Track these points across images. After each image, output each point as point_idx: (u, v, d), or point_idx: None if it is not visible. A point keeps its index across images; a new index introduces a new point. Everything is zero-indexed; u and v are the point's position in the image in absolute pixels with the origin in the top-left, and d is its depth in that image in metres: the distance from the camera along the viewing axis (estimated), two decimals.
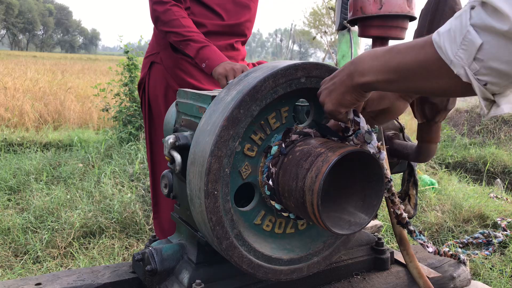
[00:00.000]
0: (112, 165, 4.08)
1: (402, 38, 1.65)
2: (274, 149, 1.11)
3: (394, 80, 0.85)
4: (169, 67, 1.96)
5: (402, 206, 1.32)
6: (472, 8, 0.68)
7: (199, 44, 1.79)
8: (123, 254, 2.71)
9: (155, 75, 2.01)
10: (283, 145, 1.10)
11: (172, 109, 1.42)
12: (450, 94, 0.86)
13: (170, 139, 1.20)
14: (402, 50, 0.82)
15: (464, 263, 1.59)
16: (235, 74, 1.76)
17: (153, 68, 2.01)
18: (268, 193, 1.13)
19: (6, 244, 2.75)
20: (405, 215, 1.31)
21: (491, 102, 0.71)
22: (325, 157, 0.98)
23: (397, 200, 1.30)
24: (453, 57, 0.69)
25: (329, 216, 1.04)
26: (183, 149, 1.19)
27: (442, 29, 0.73)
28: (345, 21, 2.15)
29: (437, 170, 4.80)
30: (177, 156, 1.19)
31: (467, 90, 0.72)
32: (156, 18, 1.85)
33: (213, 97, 1.15)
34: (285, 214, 1.16)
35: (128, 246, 2.82)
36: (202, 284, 1.15)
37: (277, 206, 1.14)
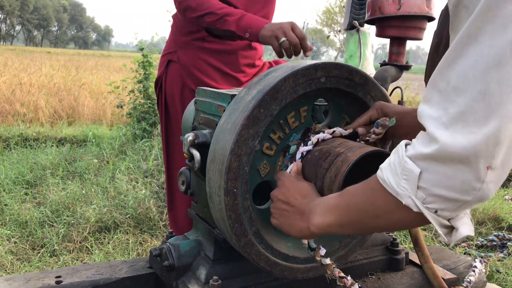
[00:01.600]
0: (126, 161, 4.12)
1: (420, 39, 1.64)
2: (293, 148, 1.12)
3: (346, 222, 0.84)
4: (186, 66, 1.97)
5: None
6: (407, 145, 0.72)
7: (235, 17, 1.74)
8: (137, 250, 2.75)
9: (172, 74, 2.02)
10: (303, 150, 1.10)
11: (191, 107, 1.44)
12: (407, 227, 0.85)
13: (189, 136, 1.22)
14: (353, 191, 0.84)
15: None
16: (284, 32, 1.68)
17: (170, 66, 2.02)
18: None
19: (24, 238, 2.80)
20: None
21: (449, 228, 0.71)
22: (345, 157, 0.99)
23: None
24: (397, 188, 0.70)
25: None
26: (202, 147, 1.21)
27: (383, 164, 0.75)
28: (354, 21, 2.14)
29: None
30: (196, 154, 1.20)
31: (421, 219, 0.71)
32: (185, 8, 1.83)
33: (233, 96, 1.16)
34: None
35: (142, 242, 2.85)
36: (219, 280, 1.16)
37: None
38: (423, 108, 0.68)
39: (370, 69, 2.83)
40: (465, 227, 0.71)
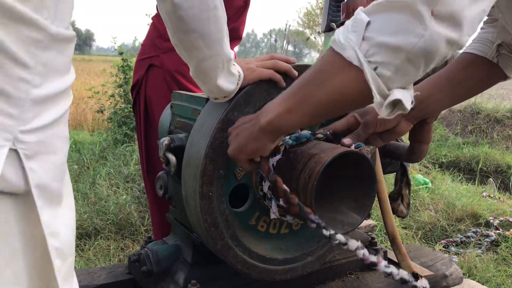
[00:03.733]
0: (107, 167, 4.08)
1: None
2: None
3: (294, 105, 0.81)
4: (170, 72, 1.96)
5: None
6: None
7: None
8: (118, 255, 2.72)
9: (154, 78, 2.01)
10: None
11: (167, 111, 1.43)
12: (349, 98, 0.76)
13: (165, 141, 1.22)
14: (302, 77, 0.82)
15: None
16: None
17: (152, 71, 2.01)
18: (262, 194, 1.14)
19: None
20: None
21: (386, 99, 0.69)
22: (318, 158, 1.00)
23: None
24: (344, 41, 0.69)
25: (322, 217, 1.05)
26: (178, 151, 1.21)
27: (339, 30, 0.74)
28: (332, 23, 2.17)
29: (430, 169, 4.84)
30: (172, 158, 1.20)
31: (362, 88, 0.69)
32: None
33: (207, 99, 1.17)
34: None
35: (123, 247, 2.83)
36: (197, 284, 1.16)
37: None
38: None
39: None
40: (401, 93, 0.69)
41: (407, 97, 0.70)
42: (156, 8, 1.91)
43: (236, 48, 2.19)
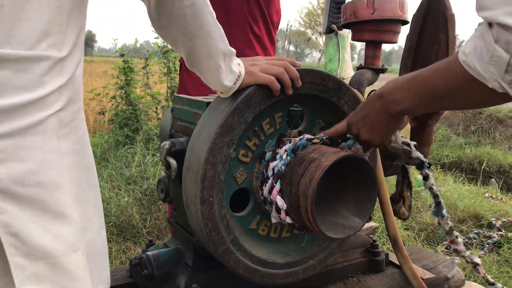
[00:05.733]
0: (108, 169, 4.08)
1: (395, 42, 1.67)
2: (268, 154, 1.13)
3: (429, 103, 0.92)
4: None
5: None
6: (490, 26, 0.73)
7: None
8: (120, 258, 2.72)
9: None
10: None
11: (168, 115, 1.43)
12: (485, 105, 0.90)
13: (166, 145, 1.22)
14: (429, 76, 0.88)
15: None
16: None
17: None
18: (263, 198, 1.14)
19: None
20: None
21: None
22: (319, 163, 1.00)
23: None
24: (484, 73, 0.75)
25: (323, 220, 1.05)
26: (179, 155, 1.21)
27: (467, 49, 0.78)
28: (333, 25, 2.16)
29: (432, 170, 4.83)
30: (173, 162, 1.20)
31: (502, 97, 0.77)
32: None
33: (208, 103, 1.17)
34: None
35: (125, 250, 2.83)
36: None
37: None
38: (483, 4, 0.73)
39: (349, 72, 2.86)
40: None
41: None
42: None
43: None
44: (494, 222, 3.22)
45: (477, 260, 1.16)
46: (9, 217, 0.64)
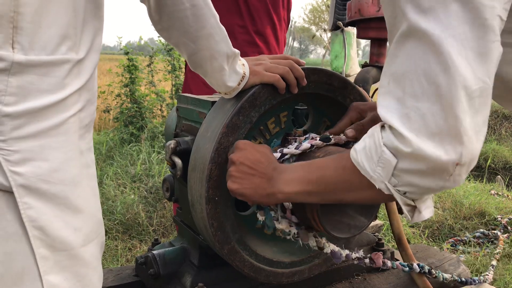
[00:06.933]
0: (114, 166, 4.10)
1: None
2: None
3: (314, 192, 0.87)
4: None
5: None
6: (382, 127, 0.76)
7: None
8: (126, 256, 2.73)
9: None
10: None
11: (173, 114, 1.44)
12: (375, 202, 0.93)
13: (171, 144, 1.22)
14: (322, 165, 0.87)
15: None
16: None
17: None
18: None
19: None
20: None
21: (413, 208, 0.79)
22: None
23: None
24: (373, 173, 0.76)
25: (329, 220, 1.05)
26: (184, 154, 1.21)
27: (358, 146, 0.79)
28: (339, 22, 2.15)
29: None
30: (178, 161, 1.20)
31: (388, 197, 0.78)
32: None
33: (213, 102, 1.17)
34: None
35: (131, 247, 2.84)
36: (204, 287, 1.16)
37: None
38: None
39: (355, 68, 2.84)
40: (428, 210, 0.80)
41: (430, 211, 0.81)
42: None
43: None
44: (500, 219, 3.20)
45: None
46: (35, 212, 0.69)
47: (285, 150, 1.07)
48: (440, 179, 0.71)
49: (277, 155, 1.06)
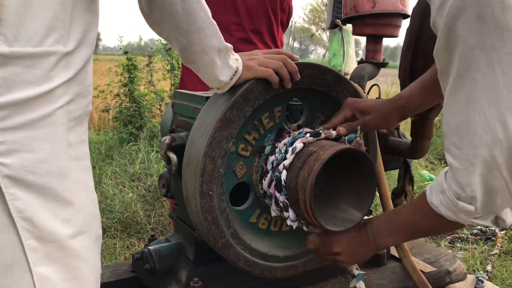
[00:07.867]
0: (113, 166, 4.10)
1: (396, 36, 1.66)
2: (268, 148, 1.13)
3: (406, 238, 1.11)
4: None
5: None
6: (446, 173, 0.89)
7: None
8: (124, 254, 2.74)
9: None
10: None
11: (169, 110, 1.44)
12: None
13: (166, 139, 1.22)
14: (407, 216, 1.02)
15: None
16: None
17: None
18: (262, 192, 1.15)
19: None
20: None
21: (496, 218, 0.91)
22: (317, 156, 1.00)
23: None
24: (458, 219, 0.89)
25: (322, 214, 1.05)
26: (179, 150, 1.21)
27: (436, 202, 0.91)
28: (337, 20, 2.15)
29: (436, 165, 4.81)
30: (173, 157, 1.21)
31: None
32: None
33: (207, 98, 1.17)
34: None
35: (129, 246, 2.84)
36: (199, 282, 1.17)
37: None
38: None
39: (353, 67, 2.84)
40: (509, 214, 0.91)
41: (507, 212, 0.93)
42: None
43: None
44: None
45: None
46: (22, 203, 0.69)
47: (285, 162, 1.07)
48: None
49: (272, 158, 1.09)
